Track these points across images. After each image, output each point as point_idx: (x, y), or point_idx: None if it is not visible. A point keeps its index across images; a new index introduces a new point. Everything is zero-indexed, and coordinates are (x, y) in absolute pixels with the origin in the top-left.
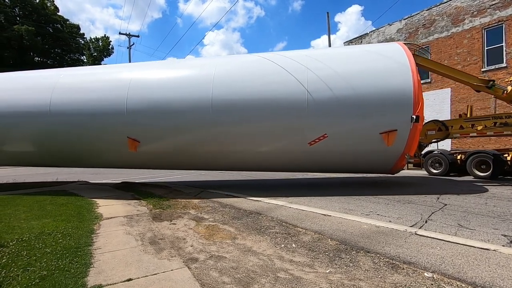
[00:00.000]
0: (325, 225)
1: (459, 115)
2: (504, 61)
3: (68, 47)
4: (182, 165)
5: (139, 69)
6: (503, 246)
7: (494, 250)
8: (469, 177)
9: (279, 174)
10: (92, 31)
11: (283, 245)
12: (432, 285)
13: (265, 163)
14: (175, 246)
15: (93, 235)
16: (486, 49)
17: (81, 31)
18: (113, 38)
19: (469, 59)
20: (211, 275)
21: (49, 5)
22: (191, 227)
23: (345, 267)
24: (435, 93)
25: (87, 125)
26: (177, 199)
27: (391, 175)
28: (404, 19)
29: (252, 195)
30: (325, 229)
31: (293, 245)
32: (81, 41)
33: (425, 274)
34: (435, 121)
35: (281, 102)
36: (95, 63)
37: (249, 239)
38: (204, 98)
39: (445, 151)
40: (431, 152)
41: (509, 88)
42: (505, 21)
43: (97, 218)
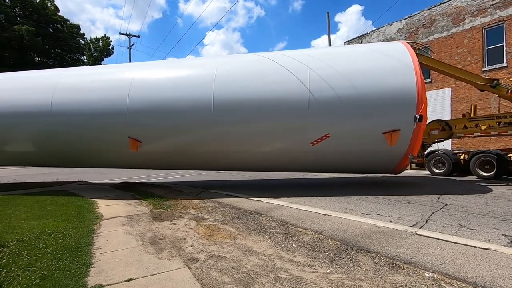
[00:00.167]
0: (326, 225)
1: (463, 114)
2: (504, 61)
3: (68, 47)
4: (183, 165)
5: (140, 69)
6: (504, 246)
7: (494, 250)
8: (473, 177)
9: (279, 174)
10: (92, 31)
11: (283, 245)
12: (432, 285)
13: (267, 163)
14: (175, 246)
15: (93, 235)
16: (486, 48)
17: (82, 31)
18: (114, 38)
19: (469, 59)
20: (212, 275)
21: (49, 5)
22: (191, 227)
23: (346, 267)
24: (435, 93)
25: (88, 125)
26: (178, 199)
27: (393, 175)
28: (404, 19)
29: (252, 195)
30: (326, 229)
31: (294, 245)
32: (81, 41)
33: (426, 274)
34: (438, 120)
35: (283, 101)
36: (96, 63)
37: (249, 239)
38: (205, 98)
39: (448, 151)
40: (434, 152)
41: None
42: (505, 21)
43: (98, 218)
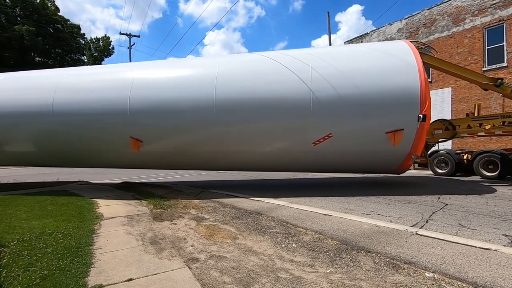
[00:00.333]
0: (326, 225)
1: (466, 114)
2: (505, 61)
3: (68, 47)
4: (184, 165)
5: (141, 69)
6: (504, 246)
7: (495, 250)
8: (476, 177)
9: (279, 174)
10: (92, 31)
11: (283, 245)
12: (433, 285)
13: (269, 163)
14: (175, 246)
15: (93, 235)
16: (487, 48)
17: (82, 31)
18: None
19: (469, 59)
20: (212, 275)
21: (49, 5)
22: (191, 227)
23: (346, 267)
24: (435, 93)
25: (89, 125)
26: (178, 199)
27: (395, 175)
28: (404, 19)
29: (252, 195)
30: (326, 229)
31: (294, 245)
32: (81, 41)
33: (426, 274)
34: (441, 120)
35: (285, 101)
36: (96, 63)
37: (249, 239)
38: (207, 97)
39: (451, 151)
40: (437, 152)
41: None
42: (506, 21)
43: (98, 218)
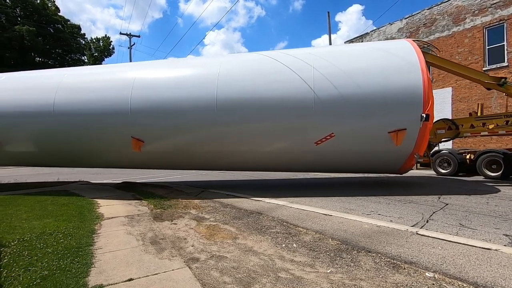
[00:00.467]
0: (326, 224)
1: (469, 113)
2: (505, 60)
3: (69, 47)
4: (186, 165)
5: (142, 69)
6: (505, 245)
7: (495, 250)
8: (479, 177)
9: (280, 174)
10: (93, 31)
11: (284, 245)
12: (433, 285)
13: (271, 163)
14: (176, 246)
15: (94, 235)
16: (487, 48)
17: (82, 32)
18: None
19: (470, 58)
20: (212, 275)
21: (50, 5)
22: (192, 227)
23: (346, 267)
24: (436, 92)
25: (90, 125)
26: (178, 199)
27: (397, 175)
28: (405, 18)
29: (253, 195)
30: (326, 229)
31: (294, 245)
32: (82, 41)
33: (427, 274)
34: (444, 119)
35: (286, 101)
36: (96, 63)
37: (250, 239)
38: (208, 97)
39: (454, 151)
40: (439, 151)
41: None
42: (506, 20)
43: (98, 218)
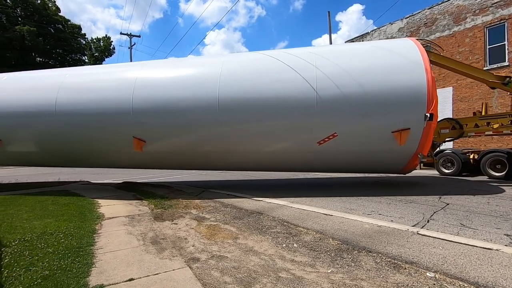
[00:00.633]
0: (327, 224)
1: (473, 112)
2: (506, 60)
3: (69, 48)
4: (188, 165)
5: (144, 68)
6: (506, 245)
7: (496, 249)
8: (483, 177)
9: (280, 174)
10: (93, 32)
11: (284, 245)
12: (434, 285)
13: (273, 163)
14: (176, 246)
15: (95, 235)
16: (488, 47)
17: (83, 32)
18: (115, 38)
19: (471, 58)
20: (213, 275)
21: (50, 5)
22: (192, 227)
23: (347, 267)
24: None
25: (92, 125)
26: (179, 199)
27: (398, 175)
28: (405, 18)
29: (253, 195)
30: (327, 229)
31: (295, 245)
32: (82, 41)
33: (427, 274)
34: (448, 119)
35: (289, 100)
36: (97, 63)
37: (250, 239)
38: (211, 97)
39: (457, 150)
40: (442, 151)
41: None
42: (507, 20)
43: (99, 218)
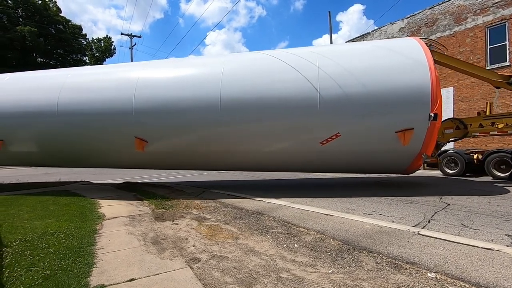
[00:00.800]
0: (328, 225)
1: (478, 112)
2: (507, 60)
3: (70, 48)
4: (189, 165)
5: (145, 68)
6: (507, 246)
7: (498, 250)
8: (487, 178)
9: (281, 174)
10: (94, 32)
11: (285, 245)
12: (435, 285)
13: (275, 163)
14: (177, 246)
15: (95, 235)
16: (489, 47)
17: (84, 32)
18: (115, 38)
19: (472, 58)
20: (214, 275)
21: (51, 6)
22: (193, 227)
23: (348, 267)
24: None
25: (93, 125)
26: (179, 199)
27: (400, 175)
28: (406, 18)
29: (254, 195)
30: (328, 229)
31: (295, 245)
32: (83, 41)
33: (428, 274)
34: (452, 119)
35: (292, 100)
36: (97, 63)
37: (251, 239)
38: (213, 96)
39: (461, 151)
40: (446, 151)
41: None
42: (508, 20)
43: (100, 218)
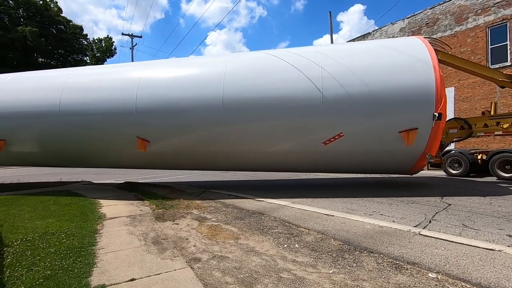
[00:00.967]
0: (328, 225)
1: (482, 112)
2: (508, 60)
3: (71, 48)
4: (191, 165)
5: (147, 68)
6: (509, 246)
7: (499, 250)
8: (491, 178)
9: (281, 174)
10: (95, 32)
11: (286, 245)
12: (436, 285)
13: (278, 163)
14: (178, 246)
15: (96, 235)
16: (490, 47)
17: (84, 32)
18: (116, 38)
19: (473, 58)
20: (214, 275)
21: (52, 6)
22: (194, 227)
23: (349, 268)
24: None
25: (95, 125)
26: (180, 199)
27: (402, 176)
28: (407, 18)
29: (255, 195)
30: (328, 229)
31: (296, 245)
32: (84, 42)
33: (429, 274)
34: (456, 119)
35: (295, 100)
36: (98, 63)
37: (252, 239)
38: (214, 96)
39: (465, 151)
40: (449, 151)
41: None
42: (509, 19)
43: (101, 218)
